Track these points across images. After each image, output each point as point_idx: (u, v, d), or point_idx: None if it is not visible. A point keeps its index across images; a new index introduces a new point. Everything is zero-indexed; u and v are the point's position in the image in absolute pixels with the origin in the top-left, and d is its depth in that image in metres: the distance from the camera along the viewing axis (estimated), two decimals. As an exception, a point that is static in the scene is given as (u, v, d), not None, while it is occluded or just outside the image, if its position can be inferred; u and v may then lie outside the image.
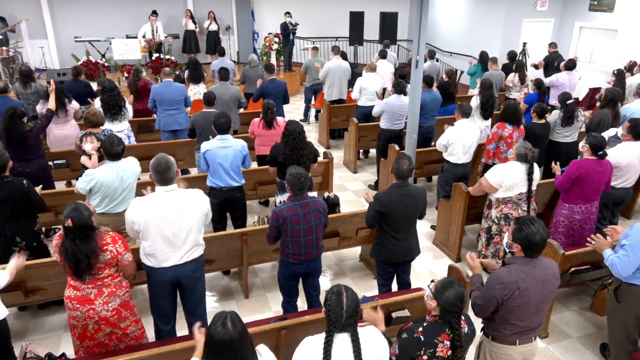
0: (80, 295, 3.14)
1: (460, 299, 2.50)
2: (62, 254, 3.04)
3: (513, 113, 5.49)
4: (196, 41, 12.98)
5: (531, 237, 2.80)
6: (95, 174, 4.08)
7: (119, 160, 4.15)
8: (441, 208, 5.66)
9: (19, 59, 11.10)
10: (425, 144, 7.01)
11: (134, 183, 4.31)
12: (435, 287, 2.60)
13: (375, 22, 12.22)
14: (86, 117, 5.28)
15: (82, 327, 3.23)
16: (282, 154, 4.69)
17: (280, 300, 4.17)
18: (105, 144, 4.10)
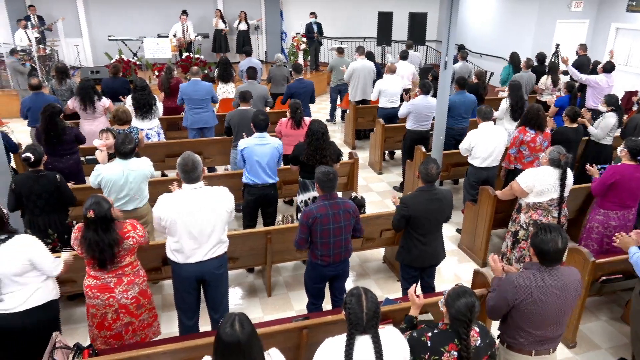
0: (100, 284, 3.26)
1: (470, 308, 2.44)
2: (83, 245, 3.14)
3: (534, 117, 5.32)
4: (226, 40, 13.13)
5: (544, 245, 2.73)
6: (102, 170, 4.20)
7: (128, 159, 4.22)
8: (467, 211, 5.57)
9: (55, 57, 11.46)
10: (457, 146, 6.89)
11: (141, 184, 4.36)
12: (448, 294, 2.56)
13: (404, 22, 12.12)
14: (115, 115, 5.41)
15: (101, 316, 3.33)
16: (305, 154, 4.70)
17: (303, 300, 4.18)
18: (117, 141, 4.21)
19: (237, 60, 12.82)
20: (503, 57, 11.13)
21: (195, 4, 13.30)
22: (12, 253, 2.95)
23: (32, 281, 3.08)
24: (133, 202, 4.34)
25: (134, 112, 6.36)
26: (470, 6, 14.01)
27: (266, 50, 14.52)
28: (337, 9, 14.56)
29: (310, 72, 13.00)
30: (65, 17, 12.30)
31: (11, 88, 10.32)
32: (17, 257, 2.96)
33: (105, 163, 4.35)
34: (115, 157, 4.29)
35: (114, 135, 4.77)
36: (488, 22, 13.29)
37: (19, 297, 3.03)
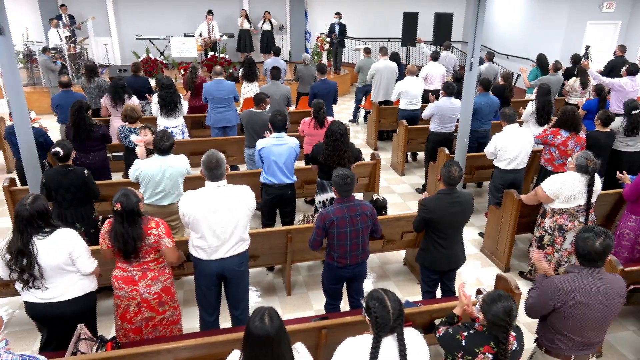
0: (125, 276, 3.34)
1: (509, 313, 2.41)
2: (111, 236, 3.23)
3: (570, 119, 5.21)
4: (250, 40, 13.25)
5: (583, 244, 2.69)
6: (141, 165, 4.31)
7: (167, 155, 4.32)
8: (491, 215, 5.48)
9: (84, 55, 11.75)
10: (480, 149, 6.81)
11: (177, 180, 4.43)
12: (484, 299, 2.53)
13: (430, 23, 12.01)
14: (125, 114, 5.51)
15: (124, 308, 3.41)
16: (323, 154, 4.70)
17: (322, 300, 4.18)
18: (156, 138, 4.31)
19: (261, 59, 12.92)
20: (530, 59, 10.91)
21: (221, 3, 13.45)
22: (55, 245, 3.06)
23: (74, 272, 3.20)
24: (169, 198, 4.41)
25: (159, 109, 6.47)
26: (498, 6, 13.79)
27: (290, 50, 14.59)
28: (362, 9, 14.53)
29: (332, 73, 13.00)
30: (95, 16, 12.60)
31: (43, 85, 10.61)
32: (60, 250, 3.07)
33: (144, 158, 4.44)
34: (153, 153, 4.38)
35: (152, 131, 4.86)
36: (516, 22, 13.06)
37: (61, 287, 3.15)
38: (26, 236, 3.01)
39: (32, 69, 11.06)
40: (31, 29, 11.39)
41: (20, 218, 3.00)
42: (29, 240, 3.01)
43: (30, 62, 10.98)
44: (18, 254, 2.99)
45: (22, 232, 3.01)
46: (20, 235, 3.01)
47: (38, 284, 3.08)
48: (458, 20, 13.57)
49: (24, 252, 2.99)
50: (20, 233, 3.02)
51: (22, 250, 2.99)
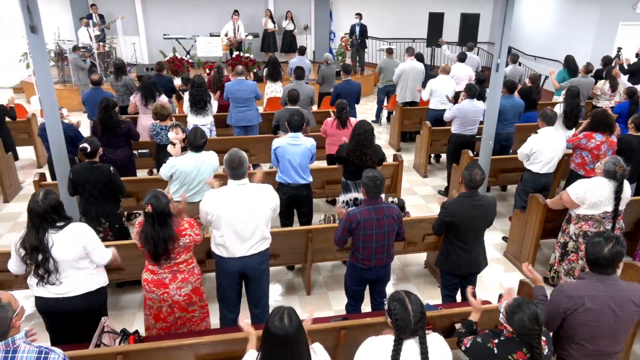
0: (156, 279, 3.37)
1: (535, 319, 2.35)
2: (142, 238, 3.25)
3: (603, 120, 5.05)
4: (274, 40, 13.32)
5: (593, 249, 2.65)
6: (176, 163, 4.35)
7: (200, 152, 4.38)
8: (515, 219, 5.39)
9: (113, 54, 12.01)
10: (503, 151, 6.71)
11: (210, 176, 4.50)
12: (505, 311, 2.47)
13: (455, 23, 11.87)
14: (156, 112, 5.60)
15: (157, 309, 3.45)
16: (347, 148, 4.70)
17: (341, 300, 4.18)
18: (190, 135, 4.36)
19: (284, 59, 12.98)
20: (559, 61, 10.67)
21: (247, 3, 13.56)
22: (69, 239, 3.09)
23: (87, 267, 3.23)
24: (201, 194, 4.44)
25: (189, 107, 6.57)
26: (526, 7, 13.54)
27: (314, 50, 14.61)
28: (387, 10, 14.46)
29: (353, 73, 12.95)
30: (124, 15, 12.85)
31: (73, 83, 10.87)
32: (74, 244, 3.10)
33: (179, 156, 4.52)
34: (187, 150, 4.45)
35: (183, 129, 4.94)
36: (544, 23, 12.79)
37: (74, 282, 3.18)
38: (41, 231, 3.01)
39: (62, 67, 11.34)
40: (62, 28, 11.70)
41: (35, 214, 3.00)
42: (44, 235, 3.02)
43: (61, 61, 11.27)
44: (33, 250, 3.00)
45: (38, 228, 3.01)
46: (36, 232, 3.01)
47: (53, 278, 3.09)
48: (485, 20, 13.37)
49: (39, 248, 3.00)
50: (36, 229, 3.01)
51: (37, 246, 3.00)
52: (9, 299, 2.19)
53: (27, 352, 2.20)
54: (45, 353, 2.23)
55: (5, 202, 6.67)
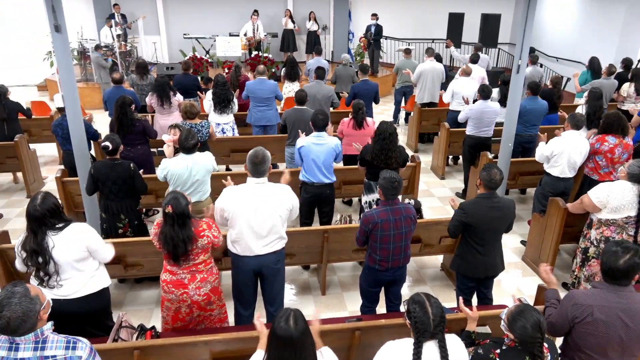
0: (175, 280, 3.38)
1: (537, 327, 2.31)
2: (160, 239, 3.27)
3: (615, 122, 4.92)
4: (294, 40, 13.36)
5: (608, 259, 2.58)
6: (168, 164, 4.38)
7: (192, 153, 4.37)
8: (534, 223, 5.30)
9: (134, 53, 12.18)
10: (525, 154, 6.60)
11: (204, 177, 4.50)
12: (507, 318, 2.43)
13: (476, 23, 11.75)
14: (185, 110, 5.65)
15: (175, 310, 3.47)
16: (371, 153, 4.68)
17: (356, 301, 4.17)
18: (180, 137, 4.35)
19: (303, 59, 13.00)
20: (582, 62, 10.48)
21: (266, 3, 13.63)
22: (70, 240, 3.08)
23: (88, 269, 3.22)
24: (196, 195, 4.51)
25: (213, 106, 6.63)
26: (548, 7, 13.33)
27: (333, 50, 14.61)
28: (406, 10, 14.38)
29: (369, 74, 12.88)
30: (145, 15, 13.03)
31: (94, 81, 11.06)
32: (75, 244, 3.10)
33: (172, 157, 4.55)
34: (179, 152, 4.47)
35: (182, 131, 4.99)
36: (567, 24, 12.58)
37: (76, 283, 3.17)
38: (40, 235, 3.00)
39: (85, 65, 11.55)
40: (85, 27, 11.91)
41: (33, 218, 2.98)
42: (42, 238, 3.00)
43: (83, 59, 11.48)
44: (32, 253, 3.01)
45: (36, 232, 3.00)
46: (34, 236, 3.00)
47: (52, 282, 3.08)
48: (506, 21, 13.20)
49: (38, 252, 3.00)
50: (34, 233, 3.01)
51: (36, 250, 2.99)
52: (36, 292, 2.24)
53: (56, 342, 2.25)
54: (73, 342, 2.29)
55: (28, 198, 6.83)
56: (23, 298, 2.16)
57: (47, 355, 2.22)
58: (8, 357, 2.20)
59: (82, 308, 3.22)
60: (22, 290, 2.18)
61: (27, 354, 2.20)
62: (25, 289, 2.20)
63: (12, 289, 2.18)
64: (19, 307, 2.13)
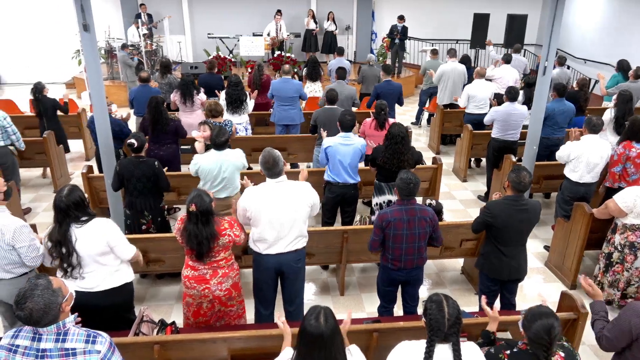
0: (197, 275, 3.42)
1: (547, 331, 2.30)
2: (184, 236, 3.31)
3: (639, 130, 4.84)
4: (316, 40, 13.38)
5: None
6: (199, 160, 4.46)
7: (223, 150, 4.45)
8: (558, 228, 5.20)
9: (159, 52, 12.36)
10: (551, 157, 6.47)
11: (234, 173, 4.57)
12: (525, 316, 2.43)
13: (501, 24, 11.56)
14: (209, 109, 5.72)
15: (197, 305, 3.52)
16: (382, 157, 4.66)
17: (374, 302, 4.15)
18: (212, 133, 4.44)
19: (324, 59, 13.00)
20: (610, 64, 10.22)
21: (290, 3, 13.68)
22: (93, 234, 3.15)
23: (111, 263, 3.28)
24: (225, 191, 4.57)
25: (226, 106, 6.69)
26: (577, 8, 13.04)
27: (355, 50, 14.57)
28: (430, 10, 14.25)
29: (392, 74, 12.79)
30: (171, 15, 13.21)
31: (120, 80, 11.27)
32: (97, 239, 3.16)
33: (203, 153, 4.62)
34: (211, 148, 4.55)
35: (211, 127, 5.05)
36: (596, 24, 12.28)
37: (98, 277, 3.24)
38: (64, 226, 3.10)
39: (111, 64, 11.78)
40: (113, 26, 12.14)
41: (58, 209, 3.08)
42: (67, 229, 3.10)
43: (110, 58, 11.70)
44: (57, 244, 3.11)
45: (61, 223, 3.10)
46: (59, 226, 3.10)
47: (76, 273, 3.16)
48: (532, 21, 12.97)
49: (62, 242, 3.10)
50: (59, 223, 3.11)
51: (60, 240, 3.10)
52: (59, 285, 2.30)
53: (76, 335, 2.30)
54: (93, 336, 2.33)
55: (55, 193, 6.99)
56: (45, 290, 2.21)
57: (67, 348, 2.27)
58: (31, 347, 2.26)
59: (105, 301, 3.28)
60: (44, 283, 2.24)
61: (49, 345, 2.26)
62: (47, 281, 2.26)
63: (35, 281, 2.24)
64: (41, 298, 2.18)
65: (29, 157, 6.80)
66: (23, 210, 6.23)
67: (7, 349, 2.27)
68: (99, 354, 2.30)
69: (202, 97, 6.98)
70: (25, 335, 2.28)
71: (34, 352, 2.25)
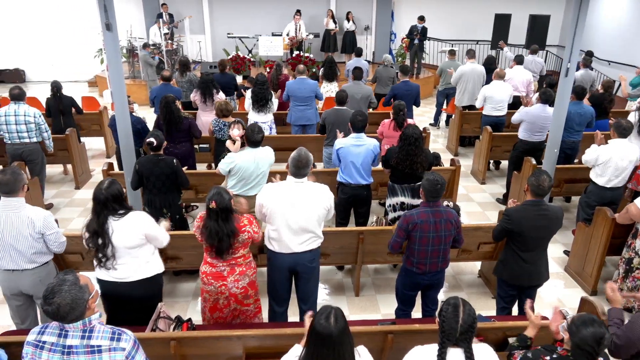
0: (215, 272, 3.46)
1: (598, 340, 2.24)
2: (204, 233, 3.36)
3: None
4: (335, 40, 13.36)
5: None
6: (235, 158, 4.48)
7: (258, 147, 4.48)
8: (579, 233, 5.10)
9: (180, 52, 12.51)
10: (568, 160, 6.37)
11: (267, 170, 4.62)
12: (572, 320, 2.36)
13: (523, 25, 11.41)
14: (220, 109, 5.77)
15: (214, 301, 3.56)
16: (395, 158, 4.63)
17: (390, 304, 4.13)
18: (248, 131, 4.48)
19: (343, 60, 12.98)
20: (635, 66, 9.99)
21: (309, 3, 13.70)
22: (129, 227, 3.25)
23: (143, 255, 3.37)
24: (257, 188, 4.58)
25: (251, 105, 6.73)
26: (601, 8, 12.78)
27: (374, 50, 14.52)
28: (450, 10, 14.13)
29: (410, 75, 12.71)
30: (192, 15, 13.36)
31: (141, 78, 11.43)
32: (133, 232, 3.26)
33: (238, 151, 4.65)
34: (244, 146, 4.58)
35: (243, 126, 5.08)
36: (620, 25, 12.01)
37: (131, 268, 3.33)
38: (102, 218, 3.19)
39: (133, 63, 11.95)
40: (134, 26, 12.32)
41: (97, 201, 3.19)
42: (104, 221, 3.20)
43: (131, 57, 11.88)
44: (94, 234, 3.20)
45: (99, 214, 3.20)
46: (97, 217, 3.20)
47: (109, 264, 3.25)
48: (555, 22, 12.75)
49: (99, 233, 3.19)
50: (97, 215, 3.20)
51: (97, 231, 3.19)
52: (86, 282, 2.33)
53: (102, 332, 2.32)
54: (118, 334, 2.35)
55: (76, 189, 7.14)
56: (73, 286, 2.24)
57: (92, 345, 2.29)
58: (57, 343, 2.28)
59: (136, 291, 3.37)
60: (72, 279, 2.27)
61: (75, 341, 2.28)
62: (75, 277, 2.29)
63: (63, 277, 2.27)
64: (68, 294, 2.21)
65: (52, 153, 6.95)
66: (45, 206, 6.37)
67: (34, 345, 2.31)
68: (124, 352, 2.32)
69: (222, 96, 7.04)
70: (52, 332, 2.31)
71: (60, 348, 2.28)
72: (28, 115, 5.85)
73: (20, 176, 3.41)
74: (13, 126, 5.84)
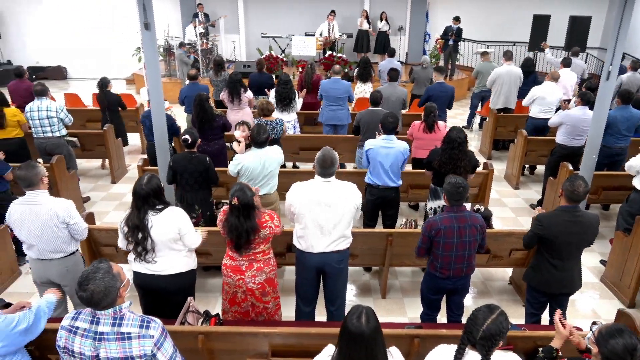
0: (234, 265, 3.53)
1: (631, 352, 2.14)
2: (225, 227, 3.43)
3: None
4: (368, 40, 13.31)
5: None
6: (241, 159, 4.53)
7: (263, 148, 4.51)
8: (616, 242, 4.92)
9: (214, 51, 12.71)
10: (611, 167, 6.14)
11: (275, 170, 4.63)
12: (600, 331, 2.28)
13: (562, 26, 11.07)
14: (262, 108, 5.82)
15: (232, 294, 3.62)
16: (438, 161, 4.57)
17: (416, 307, 4.09)
18: (253, 132, 4.51)
19: (375, 60, 12.90)
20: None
21: (343, 3, 13.69)
22: (167, 221, 3.34)
23: (180, 249, 3.47)
24: (265, 189, 4.64)
25: (275, 104, 6.79)
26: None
27: (407, 51, 14.39)
28: (487, 10, 13.85)
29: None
30: (227, 15, 13.56)
31: (177, 77, 11.67)
32: (170, 226, 3.35)
33: (244, 153, 4.71)
34: (251, 147, 4.62)
35: (249, 127, 5.14)
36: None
37: (167, 262, 3.43)
38: (142, 212, 3.28)
39: (169, 61, 12.23)
40: (171, 25, 12.60)
41: (138, 196, 3.27)
42: (144, 216, 3.29)
43: (168, 56, 12.15)
44: (134, 229, 3.29)
45: (139, 209, 3.29)
46: (138, 212, 3.28)
47: (149, 257, 3.35)
48: (597, 23, 12.32)
49: (139, 227, 3.28)
50: (138, 209, 3.29)
51: (138, 225, 3.28)
52: (118, 270, 2.43)
53: (131, 320, 2.42)
54: (147, 322, 2.44)
55: (112, 183, 7.36)
56: (106, 274, 2.33)
57: (122, 332, 2.38)
58: (89, 330, 2.38)
59: (171, 284, 3.46)
60: (105, 267, 2.37)
61: (106, 328, 2.37)
62: (108, 265, 2.39)
63: (97, 265, 2.37)
64: (102, 281, 2.30)
65: (90, 148, 7.19)
66: (82, 199, 6.59)
67: (67, 330, 2.42)
68: (153, 339, 2.40)
69: (249, 95, 7.11)
70: (85, 318, 2.41)
71: (92, 334, 2.37)
72: (50, 110, 6.15)
73: (36, 169, 3.53)
74: (37, 121, 6.15)
